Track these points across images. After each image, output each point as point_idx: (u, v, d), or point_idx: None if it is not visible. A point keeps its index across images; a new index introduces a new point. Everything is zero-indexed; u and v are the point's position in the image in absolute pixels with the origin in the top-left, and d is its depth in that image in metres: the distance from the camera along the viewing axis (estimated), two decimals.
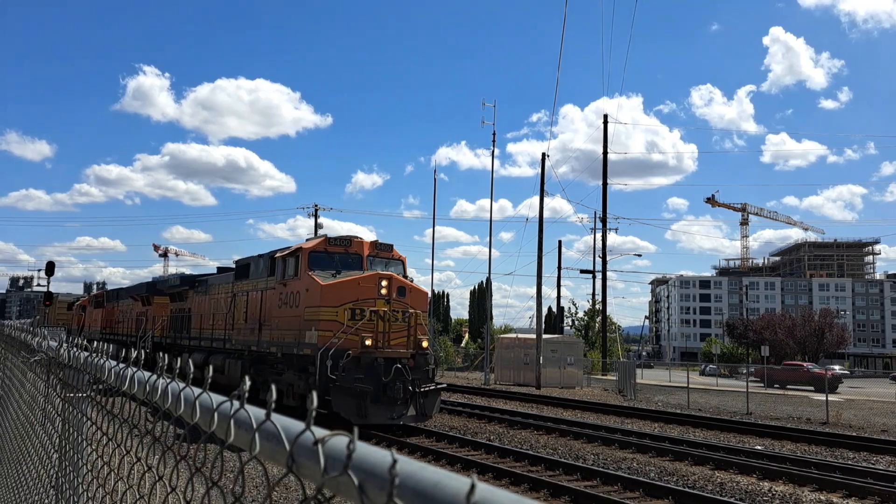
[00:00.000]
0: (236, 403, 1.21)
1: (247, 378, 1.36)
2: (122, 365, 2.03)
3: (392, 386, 16.39)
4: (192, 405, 1.37)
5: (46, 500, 3.09)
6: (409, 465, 0.78)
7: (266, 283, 19.96)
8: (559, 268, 67.06)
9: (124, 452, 1.96)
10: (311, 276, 17.37)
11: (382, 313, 16.96)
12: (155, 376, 1.68)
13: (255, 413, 1.14)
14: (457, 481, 0.72)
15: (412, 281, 18.72)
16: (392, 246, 19.23)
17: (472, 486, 0.68)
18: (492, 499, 0.68)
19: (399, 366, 16.56)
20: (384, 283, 17.20)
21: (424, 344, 17.74)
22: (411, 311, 17.51)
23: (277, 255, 19.28)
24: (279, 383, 17.43)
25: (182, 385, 1.48)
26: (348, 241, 18.61)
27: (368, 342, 16.50)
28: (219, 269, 27.85)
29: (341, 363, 16.00)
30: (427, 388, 17.15)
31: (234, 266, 23.96)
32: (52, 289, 37.79)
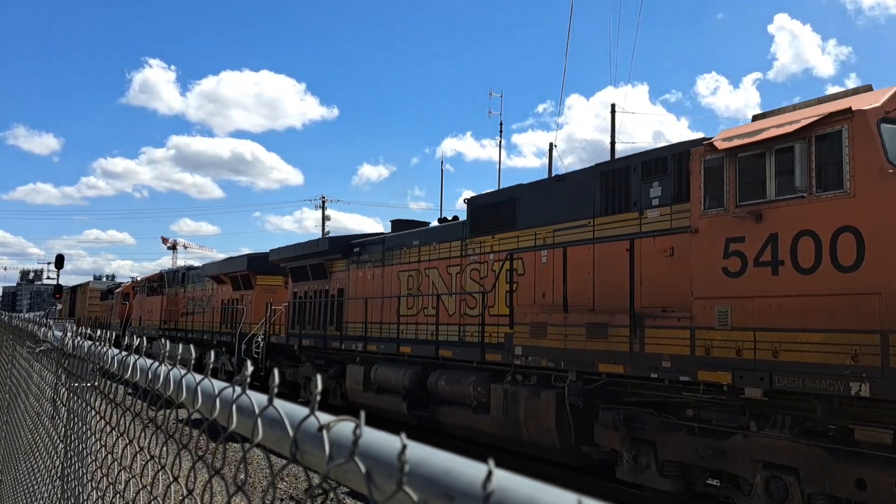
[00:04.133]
0: (238, 389, 1.16)
1: (248, 363, 1.30)
2: (123, 353, 1.99)
3: None
4: (193, 392, 1.33)
5: (53, 491, 3.07)
6: (420, 452, 0.73)
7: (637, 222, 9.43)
8: None
9: (127, 441, 1.92)
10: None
11: None
12: (157, 363, 1.64)
13: (257, 399, 1.09)
14: (472, 468, 0.67)
15: None
16: None
17: (489, 473, 0.63)
18: (510, 486, 0.62)
19: None
20: None
21: None
22: None
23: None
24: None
25: (183, 371, 1.44)
26: None
27: None
28: (393, 224, 16.66)
29: None
30: None
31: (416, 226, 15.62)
32: (61, 281, 37.67)
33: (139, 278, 39.36)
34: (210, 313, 23.78)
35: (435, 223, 15.21)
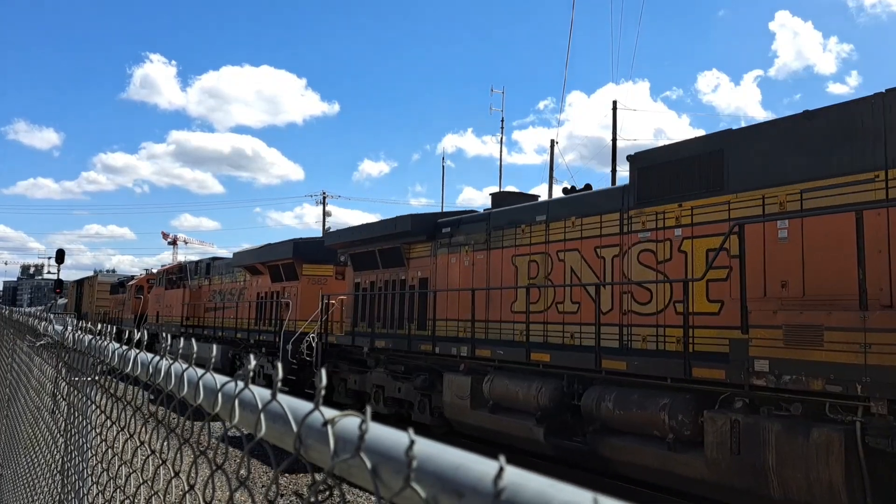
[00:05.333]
0: (241, 384, 1.14)
1: (252, 357, 1.28)
2: (124, 347, 1.98)
3: None
4: (195, 386, 1.31)
5: (53, 486, 3.06)
6: (428, 447, 0.71)
7: None
8: None
9: (128, 436, 1.91)
10: None
11: None
12: (158, 357, 1.62)
13: (260, 393, 1.08)
14: (482, 464, 0.65)
15: None
16: None
17: (501, 470, 0.61)
18: (521, 483, 0.61)
19: None
20: None
21: None
22: None
23: None
24: None
25: (184, 366, 1.42)
26: None
27: None
28: (494, 197, 13.83)
29: None
30: None
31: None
32: (61, 276, 37.48)
33: (154, 270, 36.56)
34: (243, 308, 20.61)
35: (558, 194, 12.17)
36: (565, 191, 12.19)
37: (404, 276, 13.95)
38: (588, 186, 11.80)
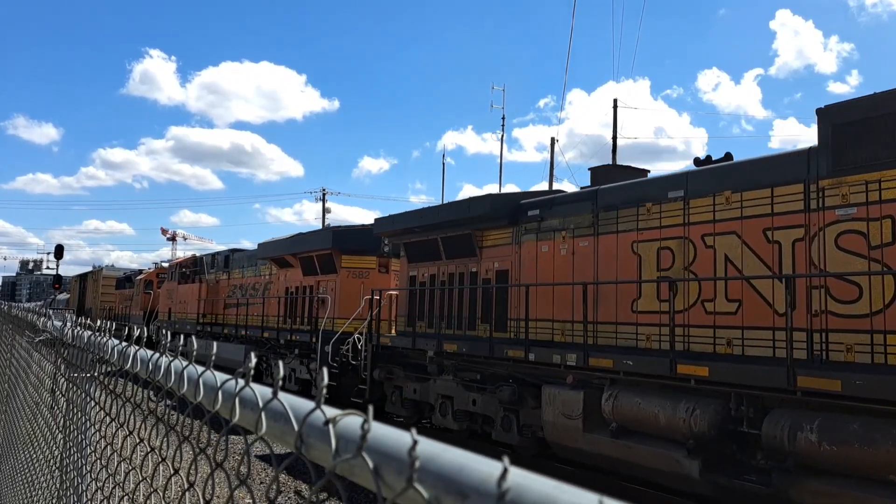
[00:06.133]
0: (241, 381, 1.14)
1: (252, 356, 1.28)
2: (124, 343, 1.97)
3: None
4: (195, 384, 1.31)
5: (52, 482, 3.06)
6: (432, 447, 0.71)
7: None
8: None
9: (127, 433, 1.90)
10: None
11: None
12: (157, 354, 1.62)
13: (261, 392, 1.07)
14: (486, 465, 0.65)
15: None
16: None
17: (505, 471, 0.61)
18: (526, 484, 0.60)
19: None
20: None
21: None
22: None
23: None
24: None
25: (185, 363, 1.42)
26: None
27: None
28: (596, 172, 11.70)
29: None
30: None
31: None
32: (60, 272, 37.36)
33: (165, 264, 34.23)
34: (271, 304, 18.72)
35: (688, 165, 9.38)
36: (698, 161, 9.52)
37: (475, 268, 11.98)
38: (728, 156, 9.32)
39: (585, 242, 9.99)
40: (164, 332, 1.81)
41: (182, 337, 21.34)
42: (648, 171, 11.31)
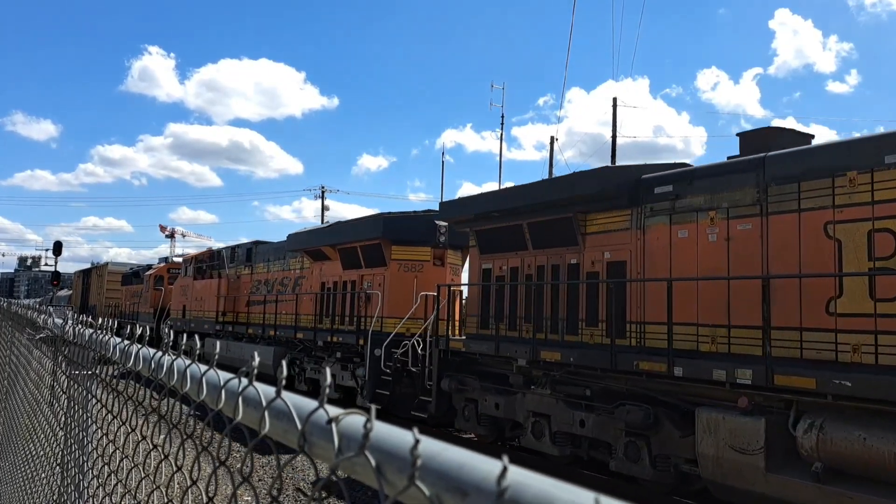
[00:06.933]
0: (244, 381, 1.15)
1: (255, 354, 1.29)
2: (126, 341, 1.98)
3: None
4: (198, 382, 1.32)
5: (52, 478, 3.07)
6: (433, 446, 0.72)
7: None
8: None
9: (129, 430, 1.92)
10: None
11: None
12: (160, 353, 1.63)
13: (264, 390, 1.09)
14: (486, 464, 0.66)
15: None
16: None
17: (504, 469, 0.62)
18: (525, 482, 0.62)
19: None
20: None
21: None
22: None
23: None
24: None
25: (188, 361, 1.43)
26: None
27: None
28: (746, 136, 9.27)
29: None
30: None
31: None
32: (59, 268, 37.15)
33: (178, 258, 32.30)
34: (305, 302, 16.87)
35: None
36: None
37: (575, 259, 10.01)
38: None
39: (747, 225, 8.02)
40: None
41: (196, 337, 19.89)
42: (813, 137, 9.09)
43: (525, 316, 10.65)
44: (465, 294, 13.44)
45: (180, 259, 30.61)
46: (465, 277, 14.23)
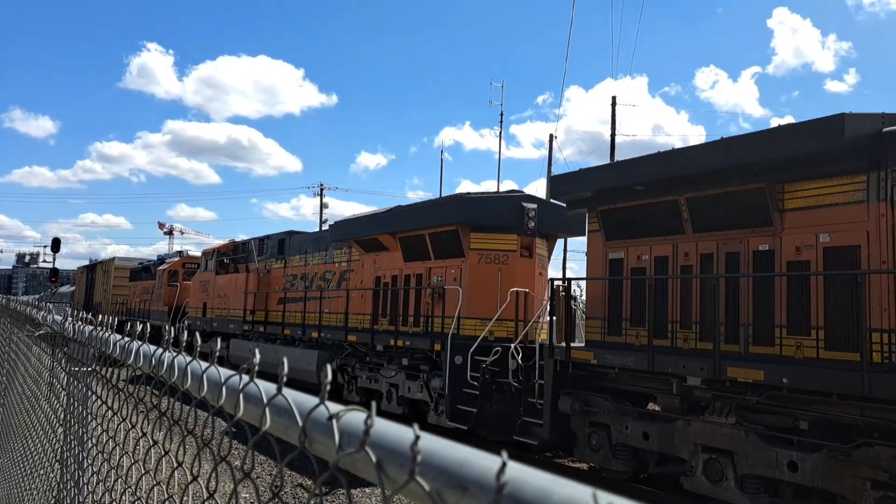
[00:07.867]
0: (245, 377, 1.16)
1: (256, 351, 1.30)
2: (126, 338, 1.99)
3: None
4: (199, 379, 1.33)
5: (51, 475, 3.08)
6: (433, 442, 0.73)
7: None
8: (565, 250, 66.79)
9: (129, 427, 1.92)
10: None
11: None
12: (161, 350, 1.64)
13: (265, 387, 1.09)
14: (485, 459, 0.67)
15: None
16: None
17: (503, 465, 0.63)
18: (523, 478, 0.63)
19: None
20: None
21: None
22: None
23: None
24: None
25: (188, 359, 1.44)
26: None
27: None
28: None
29: None
30: None
31: None
32: (57, 265, 37.05)
33: (196, 253, 29.74)
34: (358, 300, 14.58)
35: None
36: None
37: (767, 245, 7.83)
38: None
39: None
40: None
41: (218, 339, 18.64)
42: None
43: (682, 321, 8.37)
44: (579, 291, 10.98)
45: (198, 253, 28.29)
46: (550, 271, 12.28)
